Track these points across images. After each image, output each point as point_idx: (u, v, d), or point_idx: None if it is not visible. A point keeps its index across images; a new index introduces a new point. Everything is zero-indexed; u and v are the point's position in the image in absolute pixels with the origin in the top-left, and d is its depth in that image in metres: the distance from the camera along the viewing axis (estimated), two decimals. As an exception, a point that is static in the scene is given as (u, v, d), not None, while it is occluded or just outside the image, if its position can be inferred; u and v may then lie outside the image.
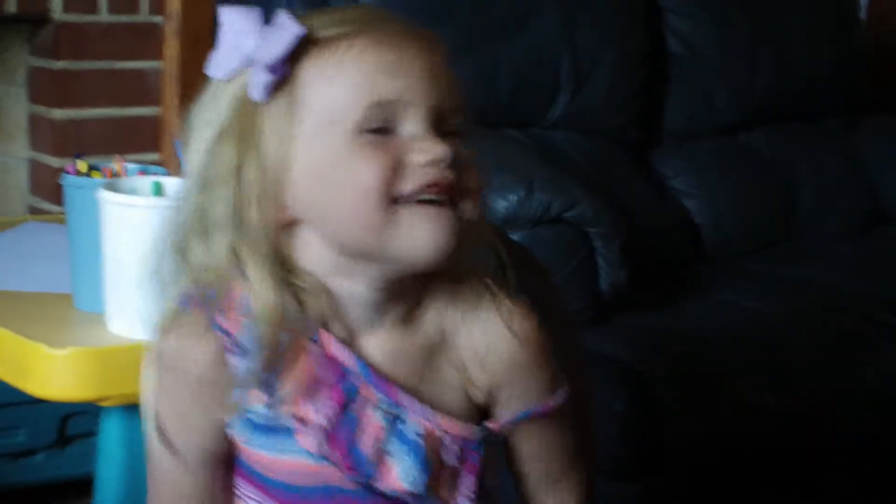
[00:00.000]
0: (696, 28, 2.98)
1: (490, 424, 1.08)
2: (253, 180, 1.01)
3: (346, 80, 1.00)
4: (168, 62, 2.62)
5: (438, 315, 1.07)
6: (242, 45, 1.01)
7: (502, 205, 2.14)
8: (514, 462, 1.13)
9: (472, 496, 1.06)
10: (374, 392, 1.03)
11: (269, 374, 1.02)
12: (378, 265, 1.02)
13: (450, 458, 1.05)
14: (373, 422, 1.03)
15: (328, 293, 1.03)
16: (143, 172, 1.72)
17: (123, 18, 2.60)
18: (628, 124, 2.85)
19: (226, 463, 1.08)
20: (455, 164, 1.00)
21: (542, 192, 2.17)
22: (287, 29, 1.00)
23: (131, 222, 1.53)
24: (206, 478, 1.07)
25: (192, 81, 2.60)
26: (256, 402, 1.03)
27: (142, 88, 2.63)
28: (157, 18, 2.63)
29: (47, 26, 2.56)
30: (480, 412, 1.09)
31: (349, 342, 1.04)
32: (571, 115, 2.75)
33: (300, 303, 1.02)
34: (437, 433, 1.04)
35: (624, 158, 2.83)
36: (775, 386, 2.21)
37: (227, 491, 1.09)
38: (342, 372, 1.03)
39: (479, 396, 1.09)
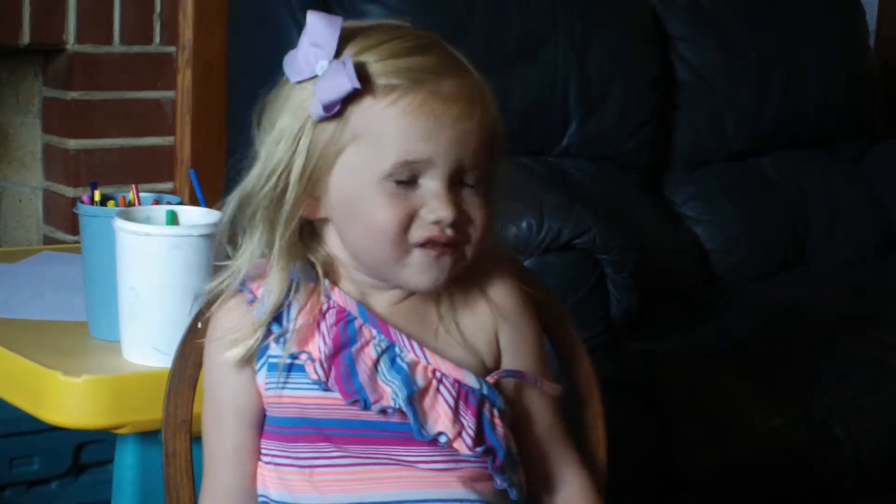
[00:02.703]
0: (704, 55, 2.99)
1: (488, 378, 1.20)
2: (295, 177, 1.15)
3: (384, 135, 1.13)
4: (181, 92, 2.63)
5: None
6: (313, 63, 1.14)
7: (512, 232, 2.15)
8: (521, 434, 1.24)
9: (472, 436, 1.17)
10: (371, 331, 1.18)
11: (278, 321, 1.18)
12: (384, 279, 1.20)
13: (447, 396, 1.17)
14: (369, 355, 1.17)
15: (342, 265, 1.20)
16: (158, 201, 1.73)
17: (136, 49, 2.61)
18: (638, 151, 2.86)
19: (257, 425, 1.21)
20: (458, 220, 1.14)
21: (552, 220, 2.18)
22: (344, 78, 1.11)
23: (146, 251, 1.54)
24: (243, 437, 1.21)
25: (205, 110, 2.62)
26: (274, 346, 1.18)
27: (155, 118, 2.64)
28: (170, 49, 2.64)
29: (61, 57, 2.57)
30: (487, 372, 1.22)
31: (355, 295, 1.19)
32: (581, 143, 2.77)
33: (312, 265, 1.19)
34: (429, 369, 1.17)
35: (634, 185, 2.84)
36: (786, 410, 2.22)
37: (256, 454, 1.22)
38: (345, 316, 1.18)
39: (490, 345, 1.22)
